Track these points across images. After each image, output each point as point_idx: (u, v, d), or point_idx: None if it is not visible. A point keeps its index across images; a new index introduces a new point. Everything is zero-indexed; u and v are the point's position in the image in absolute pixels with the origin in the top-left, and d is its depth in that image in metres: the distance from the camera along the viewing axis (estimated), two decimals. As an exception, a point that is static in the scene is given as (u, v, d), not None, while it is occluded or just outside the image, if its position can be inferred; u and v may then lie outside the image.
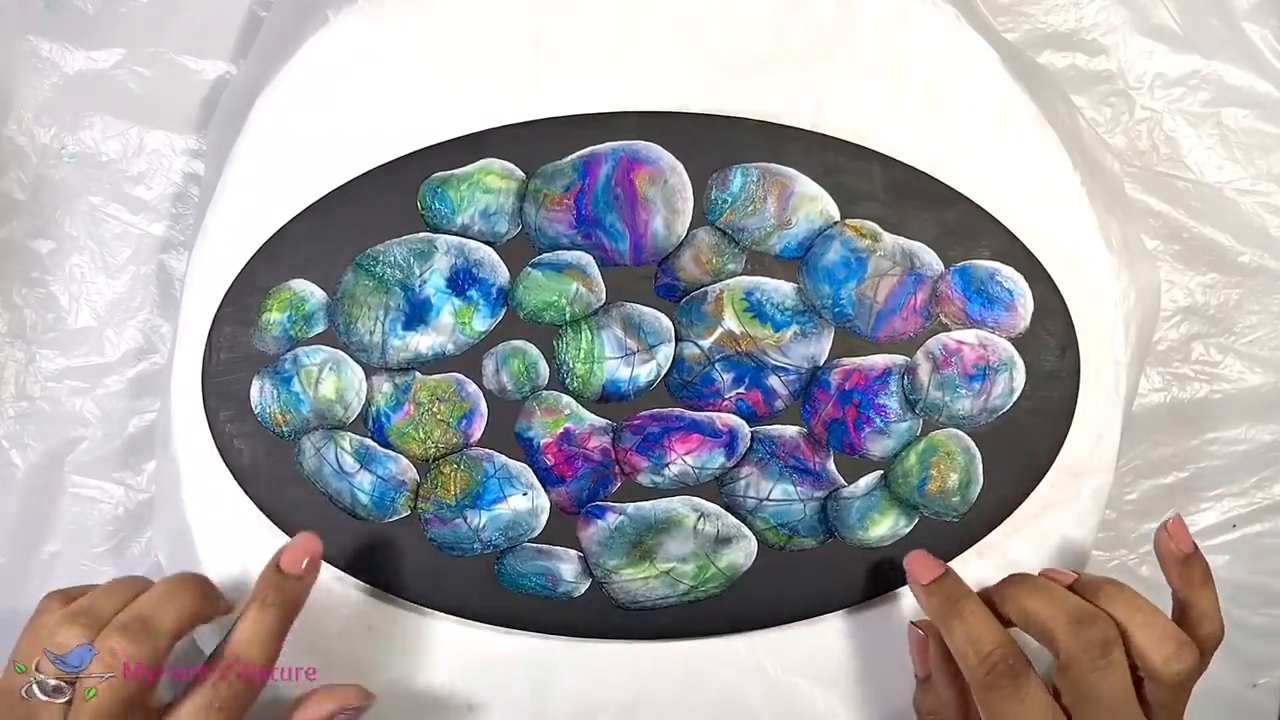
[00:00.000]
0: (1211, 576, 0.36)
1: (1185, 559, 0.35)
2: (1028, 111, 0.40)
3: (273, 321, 0.39)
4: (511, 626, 0.40)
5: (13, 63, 0.46)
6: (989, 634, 0.34)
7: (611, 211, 0.40)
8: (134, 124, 0.46)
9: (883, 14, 0.40)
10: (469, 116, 0.39)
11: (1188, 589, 0.36)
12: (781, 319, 0.40)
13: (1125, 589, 0.35)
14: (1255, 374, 0.48)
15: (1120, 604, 0.34)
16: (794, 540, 0.40)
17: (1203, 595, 0.35)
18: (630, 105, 0.40)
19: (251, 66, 0.43)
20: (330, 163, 0.39)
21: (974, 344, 0.40)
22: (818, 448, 0.40)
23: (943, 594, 0.36)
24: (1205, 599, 0.35)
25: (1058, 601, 0.34)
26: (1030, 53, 0.47)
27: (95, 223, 0.46)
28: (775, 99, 0.40)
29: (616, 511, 0.40)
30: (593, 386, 0.40)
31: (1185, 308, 0.48)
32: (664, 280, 0.40)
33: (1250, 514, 0.48)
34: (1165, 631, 0.33)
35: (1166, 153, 0.48)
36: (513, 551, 0.40)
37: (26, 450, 0.46)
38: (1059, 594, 0.35)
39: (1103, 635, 0.33)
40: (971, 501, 0.40)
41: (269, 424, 0.39)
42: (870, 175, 0.40)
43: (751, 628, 0.41)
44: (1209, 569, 0.36)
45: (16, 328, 0.46)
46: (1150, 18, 0.48)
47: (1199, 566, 0.36)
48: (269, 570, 0.35)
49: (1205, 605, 0.35)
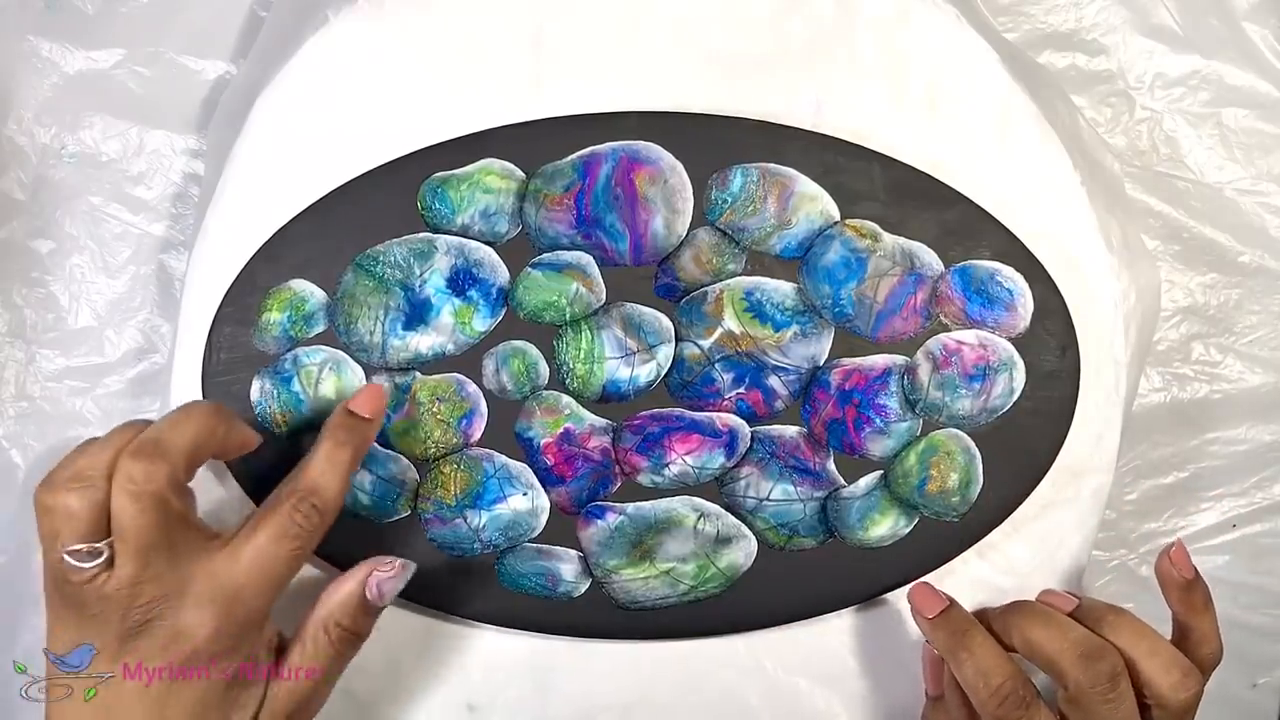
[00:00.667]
0: (1211, 600, 0.36)
1: (1187, 585, 0.36)
2: (1028, 111, 0.40)
3: (273, 321, 0.39)
4: (511, 626, 0.40)
5: (13, 63, 0.46)
6: (998, 666, 0.35)
7: (611, 211, 0.40)
8: (134, 124, 0.46)
9: (883, 14, 0.40)
10: (469, 116, 0.39)
11: (1189, 614, 0.36)
12: (781, 319, 0.40)
13: (1127, 616, 0.35)
14: (1255, 374, 0.48)
15: (1124, 632, 0.35)
16: (794, 540, 0.40)
17: (1204, 619, 0.36)
18: (630, 105, 0.40)
19: (251, 66, 0.43)
20: (330, 163, 0.39)
21: (974, 344, 0.40)
22: (818, 448, 0.40)
23: (949, 627, 0.36)
24: (1206, 622, 0.36)
25: (1064, 634, 0.35)
26: (1030, 53, 0.47)
27: (95, 223, 0.46)
28: (775, 99, 0.40)
29: (616, 511, 0.40)
30: (593, 386, 0.40)
31: (1185, 308, 0.48)
32: (664, 280, 0.40)
33: (1250, 514, 0.48)
34: (1170, 659, 0.34)
35: (1166, 153, 0.48)
36: (513, 551, 0.40)
37: (26, 450, 0.46)
38: (1064, 625, 0.35)
39: (1110, 668, 0.34)
40: (971, 501, 0.40)
41: (269, 424, 0.39)
42: (870, 175, 0.40)
43: (751, 628, 0.41)
44: (1209, 593, 0.36)
45: (16, 328, 0.46)
46: (1150, 18, 0.48)
47: (1200, 592, 0.36)
48: (340, 413, 0.35)
49: (1206, 629, 0.36)
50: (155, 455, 0.31)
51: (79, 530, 0.31)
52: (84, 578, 0.31)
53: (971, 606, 0.39)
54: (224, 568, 0.32)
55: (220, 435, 0.34)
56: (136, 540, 0.31)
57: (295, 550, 0.33)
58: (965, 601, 0.38)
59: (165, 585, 0.31)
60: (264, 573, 0.32)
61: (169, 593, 0.32)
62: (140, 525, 0.31)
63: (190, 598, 0.32)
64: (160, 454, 0.31)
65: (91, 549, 0.31)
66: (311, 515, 0.33)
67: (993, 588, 0.41)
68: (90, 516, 0.31)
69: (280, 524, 0.33)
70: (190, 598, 0.32)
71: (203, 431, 0.33)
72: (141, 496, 0.31)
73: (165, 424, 0.33)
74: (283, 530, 0.33)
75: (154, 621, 0.31)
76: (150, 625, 0.31)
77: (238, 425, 0.35)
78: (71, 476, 0.32)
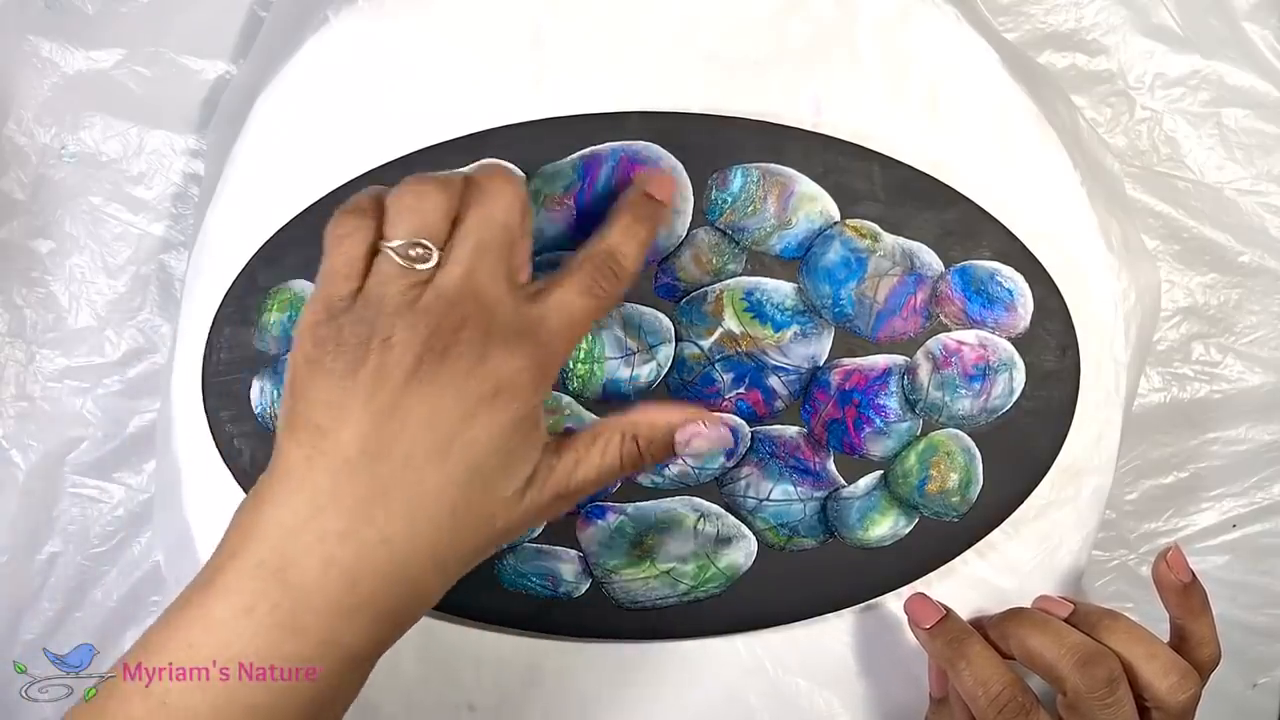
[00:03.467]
0: (1209, 603, 0.36)
1: (1184, 588, 0.36)
2: (1028, 111, 0.40)
3: (273, 322, 0.39)
4: (512, 626, 0.40)
5: (13, 63, 0.46)
6: (996, 674, 0.35)
7: (611, 211, 0.40)
8: (134, 124, 0.46)
9: (883, 14, 0.40)
10: (469, 116, 0.39)
11: (1187, 617, 0.36)
12: (781, 319, 0.40)
13: (1123, 620, 0.35)
14: (1255, 374, 0.48)
15: (1121, 636, 0.35)
16: (794, 540, 0.40)
17: (1201, 622, 0.36)
18: (630, 105, 0.39)
19: (251, 66, 0.43)
20: (330, 163, 0.39)
21: (974, 344, 0.40)
22: (818, 448, 0.40)
23: (946, 637, 0.36)
24: (1204, 625, 0.36)
25: (1061, 640, 0.35)
26: (1030, 53, 0.47)
27: (95, 223, 0.46)
28: (775, 99, 0.40)
29: (616, 511, 0.40)
30: (593, 386, 0.40)
31: (1185, 308, 0.48)
32: (664, 280, 0.40)
33: (1250, 514, 0.48)
34: (1168, 662, 0.34)
35: (1166, 153, 0.48)
36: (513, 551, 0.40)
37: (26, 450, 0.46)
38: (1061, 631, 0.35)
39: (1108, 673, 0.34)
40: (971, 501, 0.40)
41: (269, 424, 0.39)
42: (870, 175, 0.40)
43: (751, 628, 0.41)
44: (1206, 596, 0.36)
45: (16, 328, 0.46)
46: (1150, 18, 0.48)
47: (1198, 595, 0.36)
48: (637, 191, 0.35)
49: (1204, 631, 0.36)
50: (512, 178, 0.31)
51: (415, 226, 0.29)
52: (409, 281, 0.29)
53: (972, 607, 0.40)
54: (532, 310, 0.31)
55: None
56: (477, 252, 0.30)
57: (596, 306, 0.32)
58: (965, 602, 0.38)
59: (479, 310, 0.30)
60: (568, 323, 0.31)
61: (479, 320, 0.30)
62: (486, 238, 0.30)
63: (498, 332, 0.30)
64: (514, 180, 0.31)
65: (422, 254, 0.29)
66: (611, 277, 0.32)
67: (993, 588, 0.41)
68: (436, 218, 0.30)
69: (584, 281, 0.32)
70: (498, 332, 0.30)
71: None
72: (503, 209, 0.30)
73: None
74: (586, 287, 0.32)
75: (457, 348, 0.29)
76: (452, 350, 0.29)
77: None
78: (422, 179, 0.31)
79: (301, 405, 0.29)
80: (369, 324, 0.29)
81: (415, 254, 0.29)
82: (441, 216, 0.30)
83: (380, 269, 0.30)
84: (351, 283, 0.30)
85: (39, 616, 0.46)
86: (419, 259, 0.29)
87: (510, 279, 0.31)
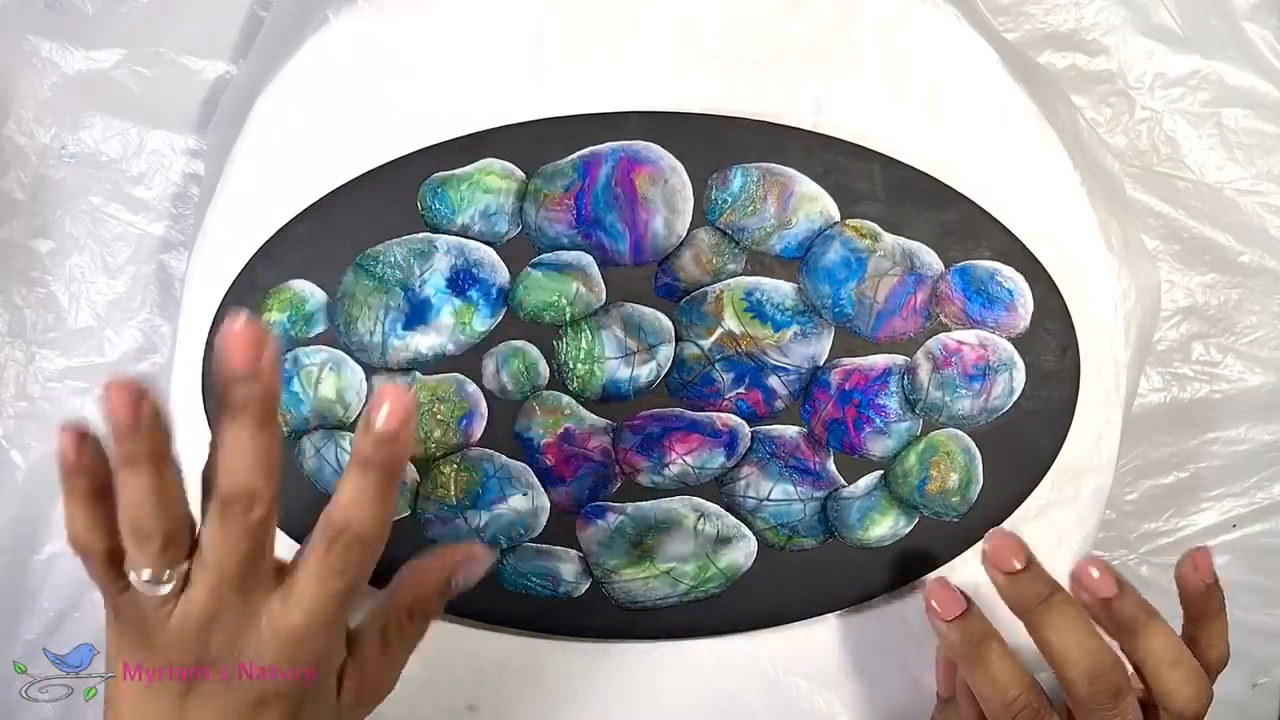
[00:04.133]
0: (1225, 604, 0.36)
1: (1206, 589, 0.36)
2: (1028, 111, 0.40)
3: (273, 322, 0.39)
4: (512, 626, 0.40)
5: (13, 63, 0.46)
6: (1012, 678, 0.35)
7: (611, 211, 0.40)
8: (134, 124, 0.46)
9: (883, 14, 0.40)
10: (469, 116, 0.39)
11: (1204, 618, 0.36)
12: (781, 319, 0.40)
13: (1160, 625, 0.35)
14: (1255, 374, 0.48)
15: (1155, 640, 0.34)
16: (794, 540, 0.40)
17: (1217, 623, 0.36)
18: (630, 105, 0.40)
19: (251, 66, 0.43)
20: (330, 163, 0.39)
21: (974, 344, 0.40)
22: (818, 448, 0.40)
23: (965, 633, 0.36)
24: (1219, 626, 0.36)
25: (1079, 644, 0.34)
26: (1030, 53, 0.47)
27: (95, 223, 0.46)
28: (775, 99, 0.40)
29: (616, 511, 0.40)
30: (593, 386, 0.40)
31: (1185, 308, 0.48)
32: (664, 280, 0.40)
33: (1250, 514, 0.48)
34: (1191, 671, 0.34)
35: (1166, 153, 0.48)
36: (513, 551, 0.40)
37: (27, 450, 0.46)
38: (1081, 634, 0.34)
39: (1114, 687, 0.33)
40: (971, 501, 0.40)
41: (269, 424, 0.39)
42: (870, 175, 0.40)
43: (751, 628, 0.41)
44: (1224, 597, 0.36)
45: (16, 328, 0.46)
46: (1150, 18, 0.48)
47: (1218, 596, 0.36)
48: (359, 433, 0.30)
49: (1219, 632, 0.36)
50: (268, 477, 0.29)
51: (153, 550, 0.28)
52: (155, 603, 0.29)
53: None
54: (280, 611, 0.30)
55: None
56: (220, 570, 0.29)
57: (344, 588, 0.30)
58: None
59: (235, 622, 0.29)
60: (320, 615, 0.30)
61: (238, 630, 0.29)
62: (230, 555, 0.28)
63: (252, 641, 0.30)
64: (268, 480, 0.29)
65: (168, 575, 0.28)
66: (351, 551, 0.30)
67: (993, 588, 0.40)
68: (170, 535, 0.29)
69: (319, 569, 0.30)
70: (252, 641, 0.30)
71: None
72: (240, 522, 0.28)
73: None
74: (324, 573, 0.30)
75: (220, 660, 0.29)
76: (216, 663, 0.29)
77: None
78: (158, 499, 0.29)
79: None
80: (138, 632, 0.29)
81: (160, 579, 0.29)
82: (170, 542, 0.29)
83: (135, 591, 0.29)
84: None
85: (39, 616, 0.46)
86: (167, 579, 0.29)
87: (260, 580, 0.30)
